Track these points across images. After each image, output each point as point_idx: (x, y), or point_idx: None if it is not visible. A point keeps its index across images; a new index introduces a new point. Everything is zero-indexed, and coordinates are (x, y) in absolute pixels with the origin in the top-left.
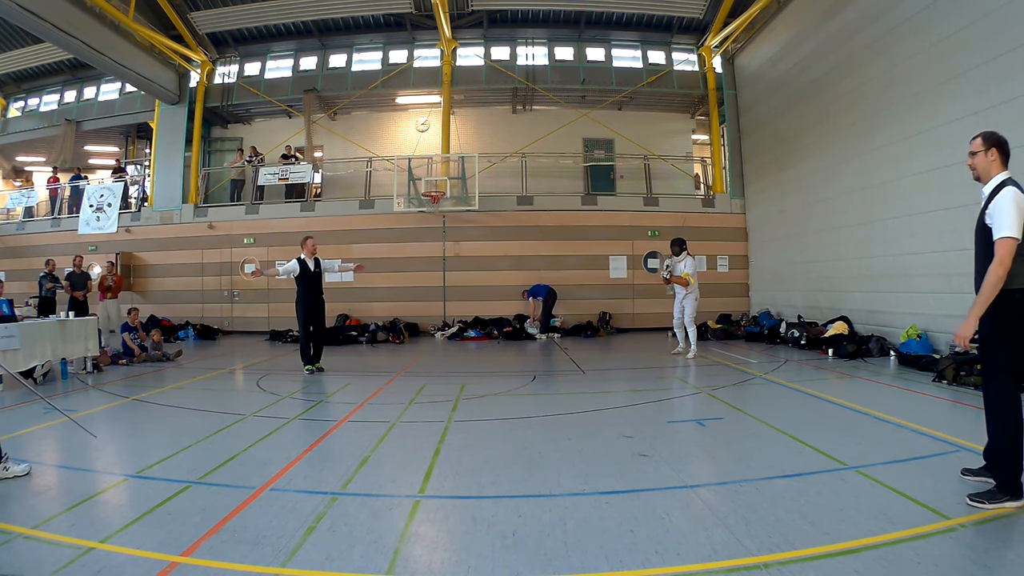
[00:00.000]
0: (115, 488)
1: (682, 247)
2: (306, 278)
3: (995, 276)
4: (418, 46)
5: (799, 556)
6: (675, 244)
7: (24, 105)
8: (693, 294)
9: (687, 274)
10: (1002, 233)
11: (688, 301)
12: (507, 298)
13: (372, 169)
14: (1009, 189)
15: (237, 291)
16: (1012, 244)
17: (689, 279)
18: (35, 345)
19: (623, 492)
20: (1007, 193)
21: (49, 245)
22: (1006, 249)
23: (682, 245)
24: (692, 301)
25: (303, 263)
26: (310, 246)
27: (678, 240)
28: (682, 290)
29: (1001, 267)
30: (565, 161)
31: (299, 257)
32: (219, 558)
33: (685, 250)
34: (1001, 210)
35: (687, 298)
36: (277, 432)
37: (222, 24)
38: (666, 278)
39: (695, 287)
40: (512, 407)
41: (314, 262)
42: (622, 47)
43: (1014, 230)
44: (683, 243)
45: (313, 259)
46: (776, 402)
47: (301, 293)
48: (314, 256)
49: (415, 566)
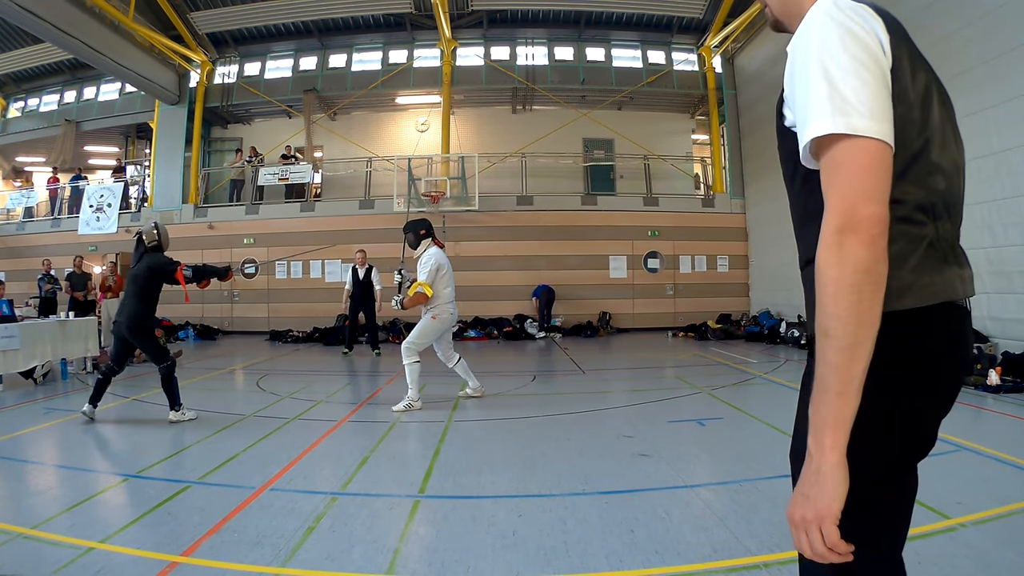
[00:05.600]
0: (115, 488)
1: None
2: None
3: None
4: (418, 46)
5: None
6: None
7: (24, 105)
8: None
9: (423, 283)
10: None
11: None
12: (507, 298)
13: (372, 169)
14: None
15: (237, 291)
16: None
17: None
18: (35, 345)
19: (623, 492)
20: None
21: (49, 245)
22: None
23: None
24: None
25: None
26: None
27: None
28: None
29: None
30: (565, 161)
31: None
32: (219, 558)
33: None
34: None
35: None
36: (277, 432)
37: (222, 24)
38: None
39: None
40: (512, 407)
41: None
42: (622, 47)
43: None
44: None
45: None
46: (776, 402)
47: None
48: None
49: (415, 566)
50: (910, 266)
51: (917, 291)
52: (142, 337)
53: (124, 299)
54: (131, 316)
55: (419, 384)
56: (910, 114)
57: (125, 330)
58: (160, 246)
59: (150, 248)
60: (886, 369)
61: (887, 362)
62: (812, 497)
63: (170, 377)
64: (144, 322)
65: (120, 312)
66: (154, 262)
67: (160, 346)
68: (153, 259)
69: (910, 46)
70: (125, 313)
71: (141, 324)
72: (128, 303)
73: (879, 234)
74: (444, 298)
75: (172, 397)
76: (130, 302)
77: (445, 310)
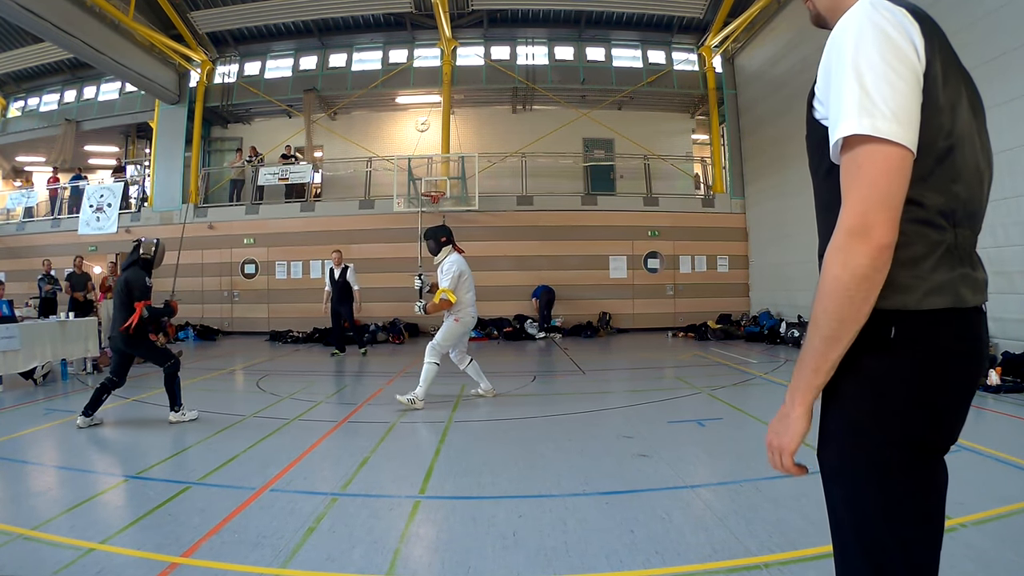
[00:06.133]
0: (115, 489)
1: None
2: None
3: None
4: (418, 46)
5: (800, 556)
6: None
7: (24, 105)
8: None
9: (446, 289)
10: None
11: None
12: (507, 298)
13: (372, 169)
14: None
15: (237, 291)
16: None
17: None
18: (35, 346)
19: (623, 492)
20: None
21: (49, 245)
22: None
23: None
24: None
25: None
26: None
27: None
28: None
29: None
30: (565, 161)
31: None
32: (219, 559)
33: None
34: None
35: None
36: (277, 433)
37: (222, 24)
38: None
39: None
40: (512, 407)
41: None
42: (622, 47)
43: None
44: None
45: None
46: (776, 402)
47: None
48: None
49: (415, 566)
50: (926, 269)
51: (932, 293)
52: (137, 345)
53: (114, 312)
54: (123, 324)
55: (429, 385)
56: (938, 119)
57: (120, 343)
58: (151, 263)
59: (142, 261)
60: (902, 369)
61: (901, 361)
62: (780, 433)
63: (174, 376)
64: (138, 328)
65: (113, 326)
66: (132, 278)
67: (159, 348)
68: (133, 275)
69: (946, 51)
70: (117, 323)
71: (134, 333)
72: (117, 316)
73: (887, 245)
74: (466, 303)
75: (173, 397)
76: (118, 314)
77: (467, 313)
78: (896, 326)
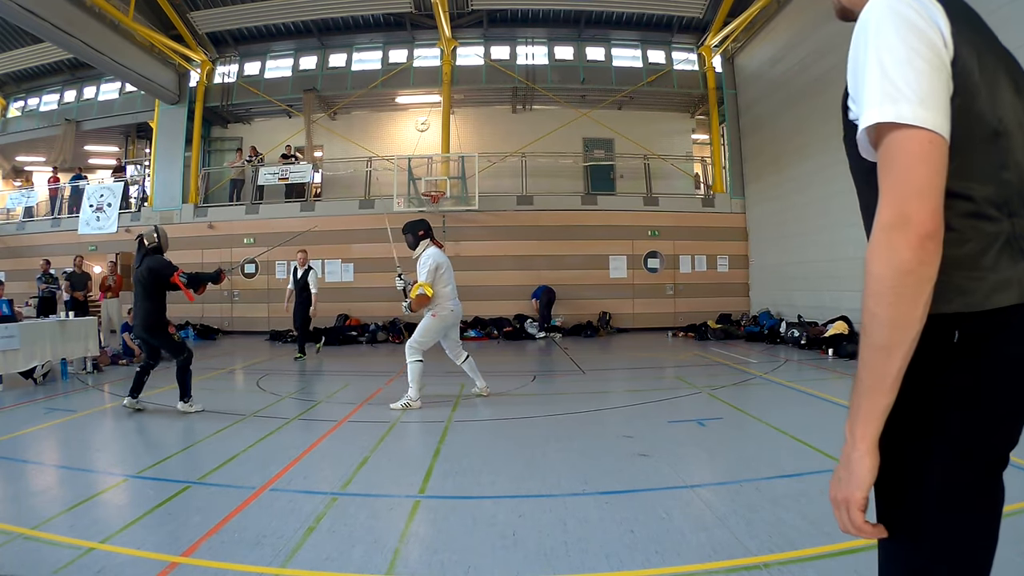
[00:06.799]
0: (115, 488)
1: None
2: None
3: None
4: (418, 46)
5: (800, 556)
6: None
7: (24, 105)
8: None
9: (423, 283)
10: None
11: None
12: (507, 298)
13: (372, 169)
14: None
15: (237, 291)
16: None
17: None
18: (35, 345)
19: (623, 492)
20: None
21: (49, 245)
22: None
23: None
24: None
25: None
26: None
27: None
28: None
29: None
30: (565, 161)
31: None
32: (219, 558)
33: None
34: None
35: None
36: (277, 432)
37: (222, 24)
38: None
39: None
40: (512, 407)
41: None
42: (622, 46)
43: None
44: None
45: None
46: (776, 402)
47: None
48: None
49: (415, 566)
50: (986, 265)
51: (994, 291)
52: (157, 334)
53: (135, 302)
54: (144, 316)
55: (420, 384)
56: (974, 105)
57: (141, 331)
58: (160, 248)
59: (150, 250)
60: (968, 376)
61: (967, 367)
62: (843, 480)
63: (186, 368)
64: (157, 320)
65: (135, 316)
66: (154, 264)
67: (176, 341)
68: (153, 261)
69: (979, 32)
70: (139, 315)
71: (155, 322)
72: (139, 305)
73: (928, 235)
74: (444, 296)
75: (184, 387)
76: (140, 304)
77: (446, 308)
78: (959, 329)
